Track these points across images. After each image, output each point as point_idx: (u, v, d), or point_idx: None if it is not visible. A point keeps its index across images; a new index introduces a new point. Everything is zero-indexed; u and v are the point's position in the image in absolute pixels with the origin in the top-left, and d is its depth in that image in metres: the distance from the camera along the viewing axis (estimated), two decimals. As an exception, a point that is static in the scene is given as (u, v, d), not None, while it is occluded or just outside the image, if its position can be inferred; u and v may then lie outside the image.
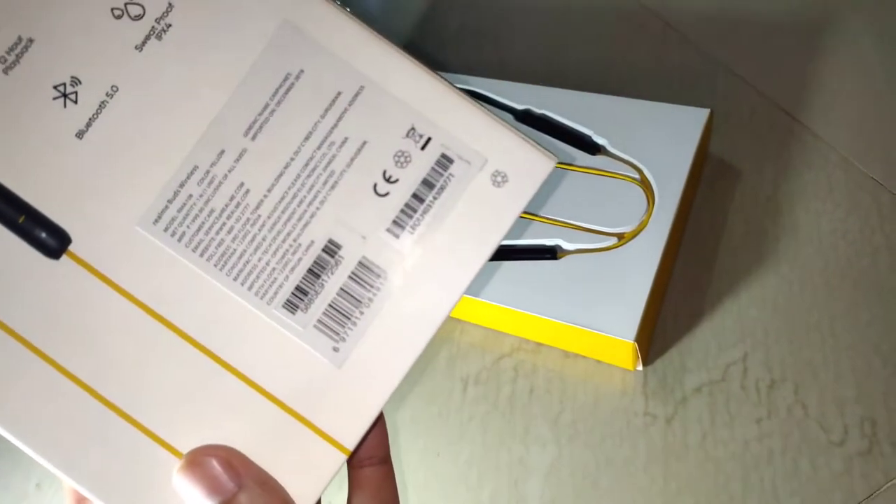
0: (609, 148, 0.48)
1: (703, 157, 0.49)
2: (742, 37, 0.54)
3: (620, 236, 0.45)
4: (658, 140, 0.48)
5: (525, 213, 0.47)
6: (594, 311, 0.43)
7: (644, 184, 0.47)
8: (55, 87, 0.24)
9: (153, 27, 0.24)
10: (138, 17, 0.24)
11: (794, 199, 0.47)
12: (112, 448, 0.24)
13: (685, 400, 0.43)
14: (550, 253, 0.46)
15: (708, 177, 0.49)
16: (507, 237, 0.25)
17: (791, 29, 0.53)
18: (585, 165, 0.48)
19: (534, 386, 0.45)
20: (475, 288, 0.45)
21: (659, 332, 0.45)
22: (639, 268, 0.44)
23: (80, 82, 0.24)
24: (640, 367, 0.44)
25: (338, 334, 0.24)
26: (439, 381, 0.46)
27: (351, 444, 0.24)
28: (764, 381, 0.43)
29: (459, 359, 0.47)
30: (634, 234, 0.45)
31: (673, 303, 0.46)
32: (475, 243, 0.24)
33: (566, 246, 0.46)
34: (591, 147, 0.48)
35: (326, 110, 0.24)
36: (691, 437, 0.42)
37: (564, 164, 0.48)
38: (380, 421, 0.26)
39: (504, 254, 0.46)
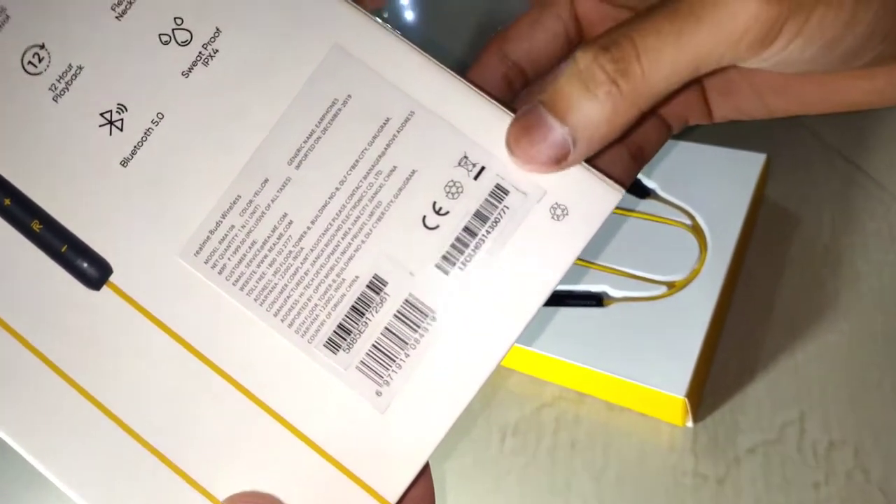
0: (659, 192, 0.47)
1: (758, 204, 0.48)
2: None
3: (671, 285, 0.44)
4: (711, 185, 0.46)
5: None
6: (642, 364, 0.42)
7: (696, 230, 0.45)
8: (102, 115, 0.24)
9: (200, 53, 0.24)
10: (186, 43, 0.24)
11: (854, 250, 0.46)
12: (146, 488, 0.23)
13: (738, 461, 0.41)
14: (596, 300, 0.44)
15: (763, 224, 0.48)
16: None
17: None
18: (634, 209, 0.47)
19: (576, 439, 0.44)
20: (527, 336, 0.44)
21: (710, 387, 0.43)
22: (690, 319, 0.42)
23: (126, 109, 0.24)
24: (689, 424, 0.42)
25: (381, 377, 0.23)
26: (475, 429, 0.45)
27: (393, 497, 0.23)
28: (822, 444, 0.41)
29: (497, 407, 0.45)
30: (686, 283, 0.44)
31: (725, 357, 0.44)
32: (531, 281, 0.23)
33: (613, 293, 0.45)
34: (641, 190, 0.47)
35: (374, 137, 0.23)
36: (744, 502, 0.40)
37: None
38: (425, 472, 0.24)
39: (547, 299, 0.45)
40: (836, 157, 0.49)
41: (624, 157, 0.27)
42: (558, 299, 0.45)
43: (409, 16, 0.57)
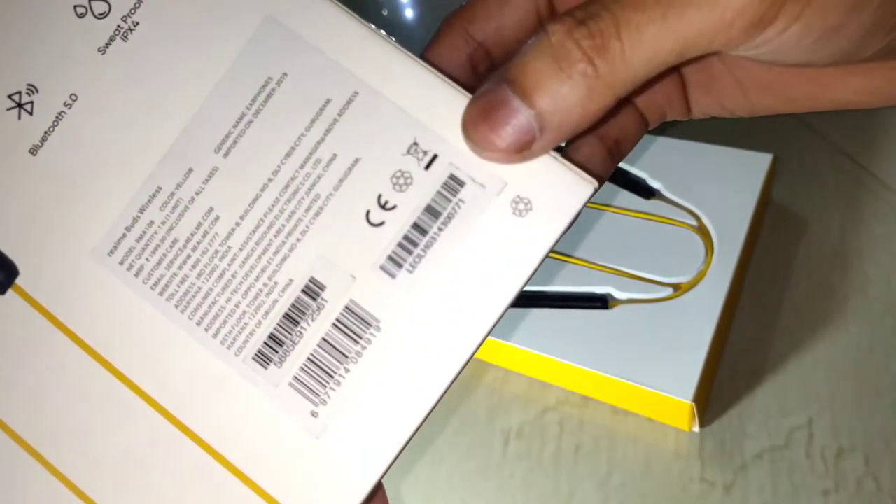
0: (664, 192, 0.46)
1: (764, 206, 0.46)
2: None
3: (677, 287, 0.43)
4: (717, 185, 0.45)
5: (573, 257, 0.45)
6: (648, 367, 0.40)
7: (702, 231, 0.44)
8: (10, 97, 0.21)
9: (119, 26, 0.21)
10: (103, 16, 0.21)
11: (862, 254, 0.44)
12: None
13: (745, 467, 0.40)
14: (601, 302, 0.43)
15: (770, 226, 0.46)
16: (550, 282, 0.22)
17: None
18: (639, 210, 0.46)
19: (580, 443, 0.42)
20: (530, 339, 0.41)
21: (716, 391, 0.42)
22: (697, 321, 0.40)
23: (36, 91, 0.21)
24: (696, 429, 0.40)
25: (318, 395, 0.20)
26: (479, 433, 0.44)
27: None
28: (831, 450, 0.39)
29: (501, 410, 0.44)
30: (692, 284, 0.43)
31: (731, 360, 0.42)
32: (490, 287, 0.20)
33: (618, 295, 0.43)
34: (646, 191, 0.46)
35: (312, 121, 0.20)
36: (751, 508, 0.39)
37: (617, 208, 0.46)
38: (377, 494, 0.21)
39: (551, 301, 0.44)
40: (844, 160, 0.48)
41: (600, 152, 0.24)
42: (562, 301, 0.43)
43: (409, 13, 0.56)
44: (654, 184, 0.46)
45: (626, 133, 0.24)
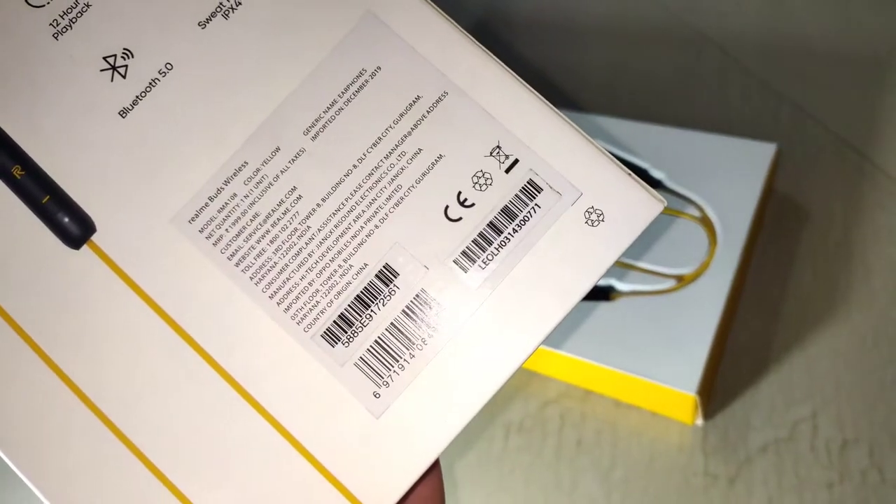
0: (667, 183, 0.46)
1: (768, 196, 0.46)
2: (807, 69, 0.52)
3: (680, 278, 0.43)
4: (721, 176, 0.45)
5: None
6: (651, 360, 0.40)
7: (705, 222, 0.44)
8: (105, 59, 0.22)
9: (221, 4, 0.22)
10: None
11: (866, 244, 0.45)
12: (106, 475, 0.21)
13: (749, 460, 0.40)
14: (603, 294, 0.43)
15: (773, 217, 0.46)
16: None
17: (860, 63, 0.51)
18: (641, 201, 0.46)
19: (582, 437, 0.42)
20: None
21: (720, 383, 0.42)
22: (700, 313, 0.41)
23: (132, 55, 0.22)
24: (699, 422, 0.41)
25: (381, 378, 0.21)
26: (478, 426, 0.44)
27: None
28: (835, 442, 0.40)
29: (501, 403, 0.44)
30: (695, 276, 0.43)
31: (735, 352, 0.43)
32: (557, 290, 0.21)
33: (620, 287, 0.43)
34: (648, 182, 0.46)
35: (401, 115, 0.21)
36: (756, 502, 0.39)
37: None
38: (434, 470, 0.23)
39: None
40: (847, 150, 0.48)
41: None
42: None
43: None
44: (657, 174, 0.46)
45: None
